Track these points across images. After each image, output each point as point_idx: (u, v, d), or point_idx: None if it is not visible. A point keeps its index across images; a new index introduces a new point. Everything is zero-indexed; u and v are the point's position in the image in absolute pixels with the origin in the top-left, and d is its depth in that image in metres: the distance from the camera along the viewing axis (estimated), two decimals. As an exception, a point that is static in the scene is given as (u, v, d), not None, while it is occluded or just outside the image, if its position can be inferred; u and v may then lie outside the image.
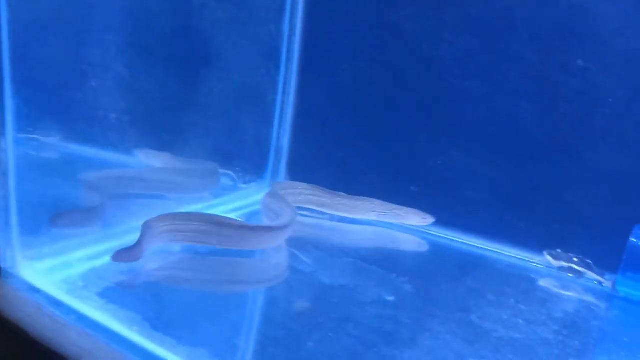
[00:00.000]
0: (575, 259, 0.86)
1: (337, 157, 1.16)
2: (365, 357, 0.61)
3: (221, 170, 1.09)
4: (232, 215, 1.00)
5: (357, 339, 0.64)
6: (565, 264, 0.86)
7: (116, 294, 0.67)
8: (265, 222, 0.97)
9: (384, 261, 0.92)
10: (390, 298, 0.76)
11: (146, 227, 0.75)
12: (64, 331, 0.57)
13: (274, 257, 0.89)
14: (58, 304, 0.63)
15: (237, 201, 1.08)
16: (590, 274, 0.87)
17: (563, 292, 0.85)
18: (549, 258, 0.90)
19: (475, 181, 1.02)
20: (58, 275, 0.69)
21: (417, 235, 1.04)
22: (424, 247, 1.02)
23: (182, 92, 1.02)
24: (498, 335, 0.69)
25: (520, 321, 0.74)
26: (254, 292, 0.81)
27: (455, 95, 1.02)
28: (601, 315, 0.80)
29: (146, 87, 0.96)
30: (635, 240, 0.85)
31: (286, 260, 0.88)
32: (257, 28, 1.09)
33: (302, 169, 1.19)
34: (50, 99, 0.86)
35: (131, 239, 0.74)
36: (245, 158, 1.13)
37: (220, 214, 0.96)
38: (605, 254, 0.88)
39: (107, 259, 0.71)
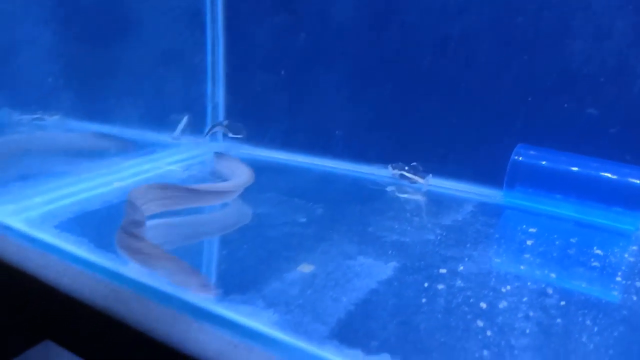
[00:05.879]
0: (406, 168, 1.02)
1: (270, 111, 1.29)
2: (267, 260, 0.77)
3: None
4: (174, 166, 1.15)
5: (263, 248, 0.80)
6: (398, 172, 1.03)
7: (68, 226, 0.82)
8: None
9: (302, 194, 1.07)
10: (303, 219, 0.92)
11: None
12: (27, 254, 0.72)
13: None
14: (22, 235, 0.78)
15: (178, 154, 1.22)
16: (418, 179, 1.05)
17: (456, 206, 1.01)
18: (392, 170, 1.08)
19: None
20: (21, 216, 0.84)
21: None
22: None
23: (107, 59, 1.14)
24: (387, 240, 0.85)
25: (409, 228, 0.90)
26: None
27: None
28: (482, 220, 0.96)
29: (74, 54, 1.08)
30: (517, 157, 1.02)
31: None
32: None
33: (240, 123, 1.32)
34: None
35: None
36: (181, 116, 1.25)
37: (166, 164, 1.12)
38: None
39: (58, 203, 0.87)
